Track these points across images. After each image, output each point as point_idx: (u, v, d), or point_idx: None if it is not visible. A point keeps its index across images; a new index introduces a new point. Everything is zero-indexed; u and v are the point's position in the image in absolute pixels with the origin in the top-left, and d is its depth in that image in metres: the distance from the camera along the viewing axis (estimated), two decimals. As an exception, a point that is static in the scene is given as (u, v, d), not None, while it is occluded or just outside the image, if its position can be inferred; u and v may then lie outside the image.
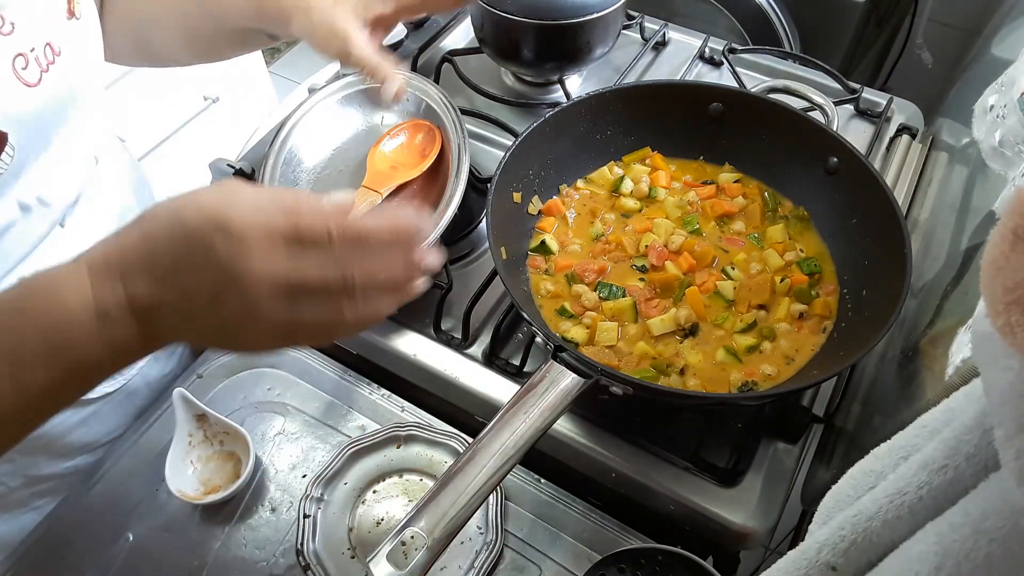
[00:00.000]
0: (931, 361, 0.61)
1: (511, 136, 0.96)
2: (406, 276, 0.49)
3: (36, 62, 0.60)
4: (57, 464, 0.79)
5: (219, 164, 0.92)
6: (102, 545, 0.70)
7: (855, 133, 1.01)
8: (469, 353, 0.79)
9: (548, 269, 0.80)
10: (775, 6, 1.49)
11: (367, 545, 0.69)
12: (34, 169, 0.63)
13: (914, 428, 0.42)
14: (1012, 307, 0.28)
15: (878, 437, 0.46)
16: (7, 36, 0.58)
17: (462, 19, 1.15)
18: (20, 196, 0.62)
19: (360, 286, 0.46)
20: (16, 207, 0.62)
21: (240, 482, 0.71)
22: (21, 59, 0.59)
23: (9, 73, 0.58)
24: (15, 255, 0.65)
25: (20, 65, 0.59)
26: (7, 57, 0.58)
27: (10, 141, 0.58)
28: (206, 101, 1.81)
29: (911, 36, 1.82)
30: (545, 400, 0.59)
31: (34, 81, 0.60)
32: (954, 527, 0.33)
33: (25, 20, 0.59)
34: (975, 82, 0.83)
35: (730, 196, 0.84)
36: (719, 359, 0.72)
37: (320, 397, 0.80)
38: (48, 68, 0.61)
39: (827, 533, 0.40)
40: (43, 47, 0.61)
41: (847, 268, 0.77)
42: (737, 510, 0.69)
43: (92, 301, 0.44)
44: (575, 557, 0.69)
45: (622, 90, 0.85)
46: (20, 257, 0.65)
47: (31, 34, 0.60)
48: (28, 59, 0.59)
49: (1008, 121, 0.65)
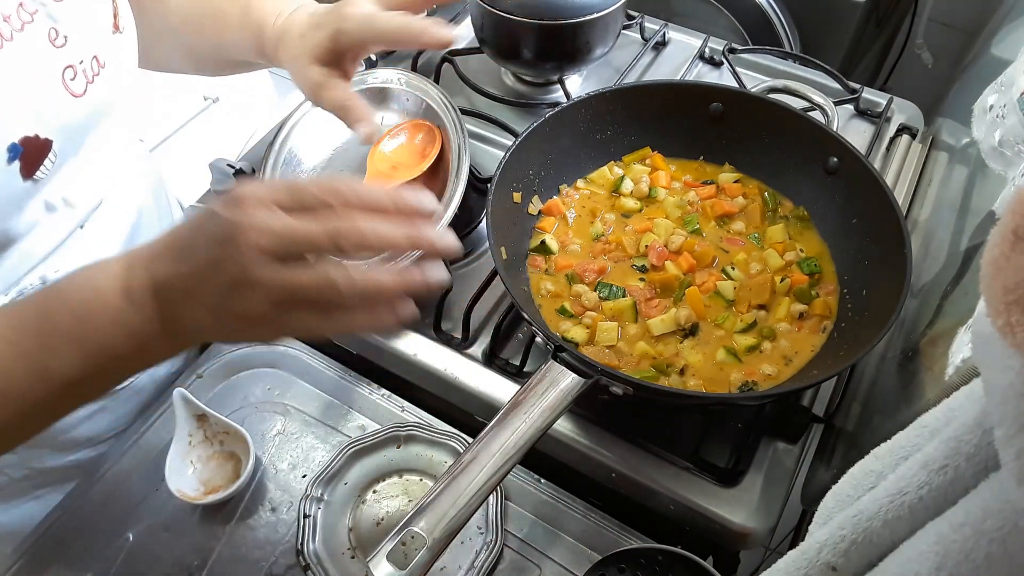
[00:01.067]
0: (931, 361, 0.61)
1: (511, 136, 0.96)
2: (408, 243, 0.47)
3: (83, 74, 0.62)
4: (61, 457, 0.79)
5: (219, 164, 0.92)
6: (102, 545, 0.70)
7: (855, 133, 1.01)
8: (469, 353, 0.79)
9: (548, 269, 0.80)
10: (775, 6, 1.49)
11: (367, 545, 0.69)
12: (64, 172, 0.64)
13: (914, 428, 0.42)
14: (1012, 307, 0.28)
15: (878, 437, 0.45)
16: (60, 48, 0.60)
17: (462, 19, 1.15)
18: (47, 196, 0.64)
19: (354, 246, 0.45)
20: (43, 207, 0.64)
21: (240, 482, 0.71)
22: (70, 70, 0.61)
23: (59, 84, 0.60)
24: (37, 255, 0.66)
25: (69, 76, 0.61)
26: (58, 68, 0.60)
27: (54, 148, 0.60)
28: (206, 101, 1.82)
29: (911, 36, 1.82)
30: (545, 400, 0.59)
31: (80, 92, 0.62)
32: (954, 527, 0.33)
33: (77, 34, 0.61)
34: (975, 82, 0.83)
35: (730, 196, 0.84)
36: (719, 359, 0.72)
37: (320, 397, 0.80)
38: (93, 80, 0.63)
39: (827, 533, 0.40)
40: (91, 59, 0.63)
41: (847, 268, 0.77)
42: (737, 510, 0.69)
43: (120, 284, 0.47)
44: (575, 557, 0.69)
45: (622, 90, 0.85)
46: (42, 256, 0.66)
47: (81, 47, 0.62)
48: (76, 71, 0.61)
49: (1008, 121, 0.65)
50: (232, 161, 0.93)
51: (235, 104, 1.90)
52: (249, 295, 0.45)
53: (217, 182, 0.93)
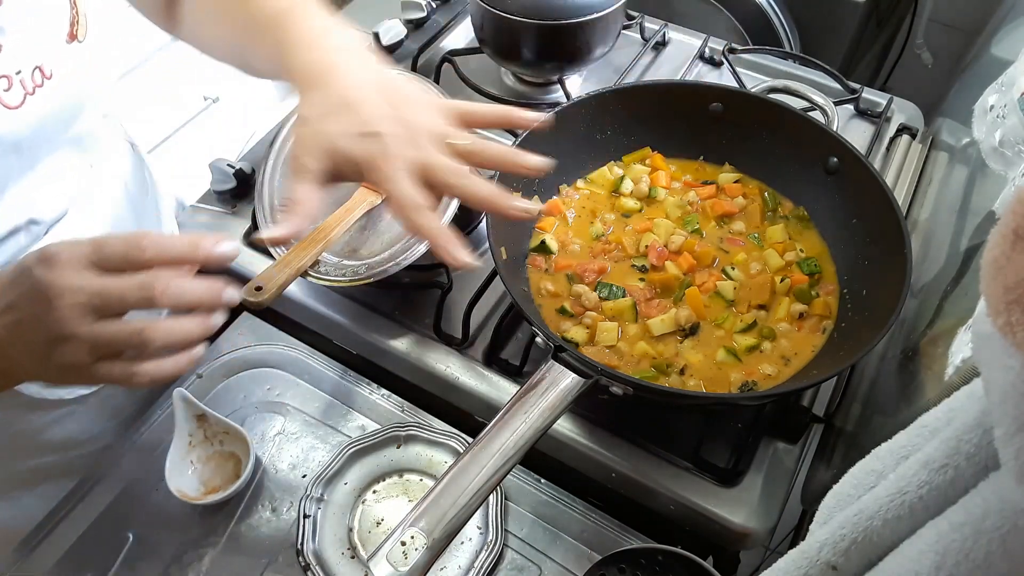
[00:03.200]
0: (931, 361, 0.61)
1: (511, 136, 0.96)
2: (206, 294, 0.52)
3: (21, 84, 0.60)
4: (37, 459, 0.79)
5: (219, 164, 0.92)
6: (102, 545, 0.70)
7: (855, 133, 1.01)
8: (469, 353, 0.79)
9: (548, 269, 0.80)
10: (775, 6, 1.49)
11: (367, 545, 0.69)
12: (16, 191, 0.63)
13: (915, 428, 0.42)
14: (1012, 306, 0.28)
15: (878, 437, 0.45)
16: None
17: (462, 19, 1.15)
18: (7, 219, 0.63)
19: (160, 300, 0.50)
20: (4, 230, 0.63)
21: (240, 482, 0.71)
22: (4, 80, 0.59)
23: None
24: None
25: (3, 86, 0.59)
26: None
27: None
28: (206, 101, 1.81)
29: (911, 36, 1.82)
30: (545, 400, 0.59)
31: (15, 104, 0.60)
32: (954, 526, 0.33)
33: (16, 43, 0.59)
34: (975, 82, 0.83)
35: (730, 196, 0.84)
36: (719, 359, 0.72)
37: (320, 397, 0.80)
38: (34, 91, 0.61)
39: (828, 532, 0.40)
40: (31, 70, 0.61)
41: (847, 268, 0.77)
42: (737, 510, 0.69)
43: None
44: (575, 557, 0.69)
45: (622, 90, 0.85)
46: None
47: (20, 56, 0.60)
48: (12, 81, 0.59)
49: (1008, 121, 0.65)
50: (232, 161, 0.93)
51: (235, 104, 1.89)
52: (67, 348, 0.49)
53: (217, 182, 0.93)
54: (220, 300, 0.53)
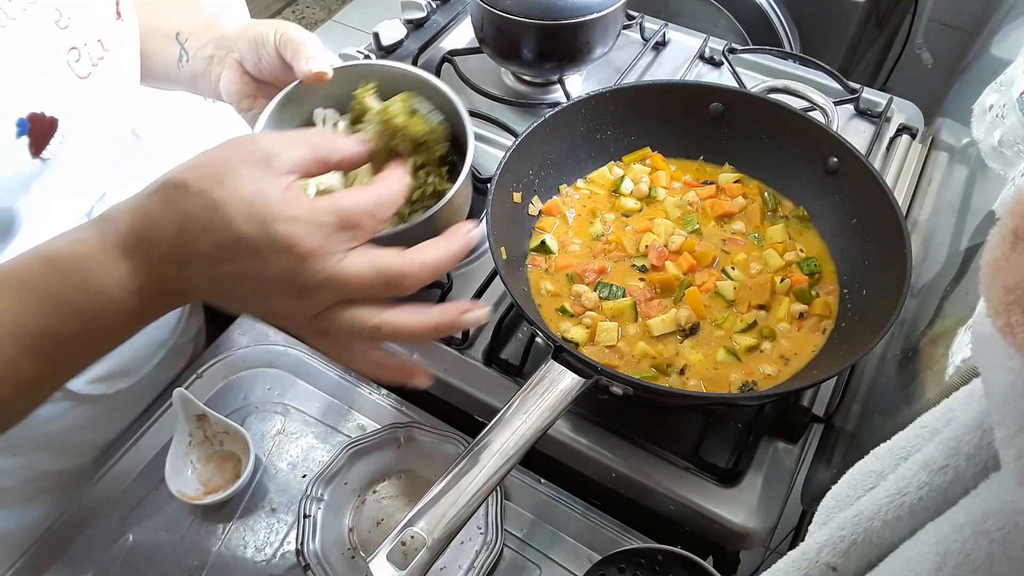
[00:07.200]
0: (931, 361, 0.61)
1: (511, 136, 0.96)
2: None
3: (88, 56, 0.63)
4: (65, 461, 0.79)
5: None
6: (102, 545, 0.70)
7: (855, 133, 1.01)
8: (469, 353, 0.79)
9: (548, 269, 0.80)
10: (775, 6, 1.49)
11: (367, 545, 0.69)
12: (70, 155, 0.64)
13: (914, 428, 0.42)
14: (1012, 307, 0.28)
15: (878, 437, 0.45)
16: (64, 30, 0.60)
17: (462, 19, 1.15)
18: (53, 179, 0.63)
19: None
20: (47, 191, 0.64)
21: (240, 482, 0.71)
22: (75, 52, 0.61)
23: (64, 64, 0.61)
24: None
25: (74, 58, 0.61)
26: (63, 49, 0.60)
27: (60, 128, 0.60)
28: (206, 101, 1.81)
29: (911, 36, 1.82)
30: (545, 400, 0.59)
31: (84, 74, 0.62)
32: (954, 527, 0.33)
33: (78, 17, 0.62)
34: (975, 82, 0.83)
35: (730, 196, 0.84)
36: (719, 359, 0.72)
37: (320, 397, 0.80)
38: (98, 63, 0.64)
39: (827, 533, 0.40)
40: (95, 42, 0.63)
41: (847, 268, 0.77)
42: (737, 510, 0.69)
43: (134, 287, 0.45)
44: (575, 557, 0.69)
45: (622, 90, 0.85)
46: None
47: (85, 30, 0.62)
48: (81, 52, 0.62)
49: (1008, 121, 0.65)
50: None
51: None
52: (297, 319, 0.47)
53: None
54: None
